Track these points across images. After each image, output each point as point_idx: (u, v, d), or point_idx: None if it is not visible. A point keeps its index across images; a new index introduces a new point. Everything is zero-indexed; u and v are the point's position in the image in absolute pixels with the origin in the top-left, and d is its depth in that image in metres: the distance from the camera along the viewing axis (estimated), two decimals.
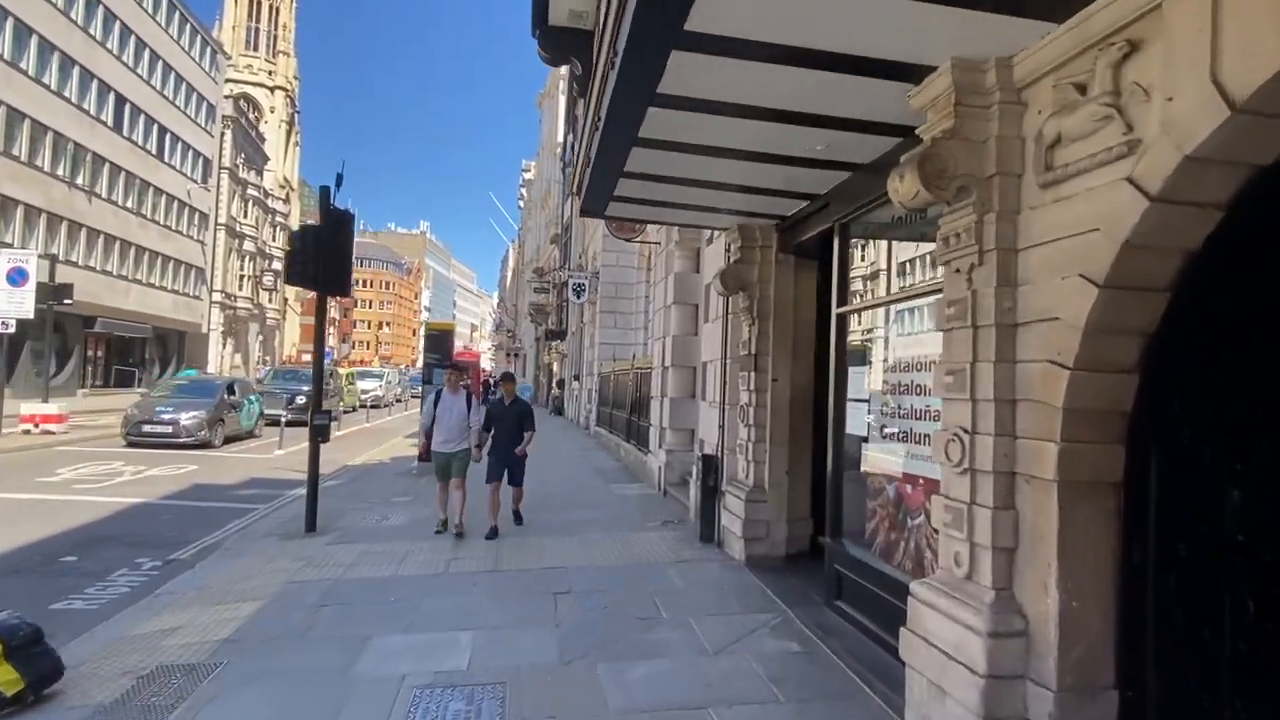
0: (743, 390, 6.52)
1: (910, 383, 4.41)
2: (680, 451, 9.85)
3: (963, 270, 3.28)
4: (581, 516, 8.35)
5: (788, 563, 6.20)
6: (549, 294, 32.81)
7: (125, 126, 31.39)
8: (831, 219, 5.15)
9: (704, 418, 8.21)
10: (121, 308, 31.63)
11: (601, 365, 18.72)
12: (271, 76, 60.97)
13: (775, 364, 6.28)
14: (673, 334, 10.04)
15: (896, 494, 4.53)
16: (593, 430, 19.23)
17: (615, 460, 14.11)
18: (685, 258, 10.09)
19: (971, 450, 3.15)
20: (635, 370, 13.43)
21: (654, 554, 6.60)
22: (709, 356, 7.86)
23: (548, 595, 5.34)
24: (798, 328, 6.36)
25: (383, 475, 11.67)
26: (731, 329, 6.99)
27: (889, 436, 4.63)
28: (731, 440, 6.87)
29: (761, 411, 6.28)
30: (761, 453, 6.29)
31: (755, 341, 6.34)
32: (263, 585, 5.70)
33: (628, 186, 5.30)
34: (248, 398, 16.65)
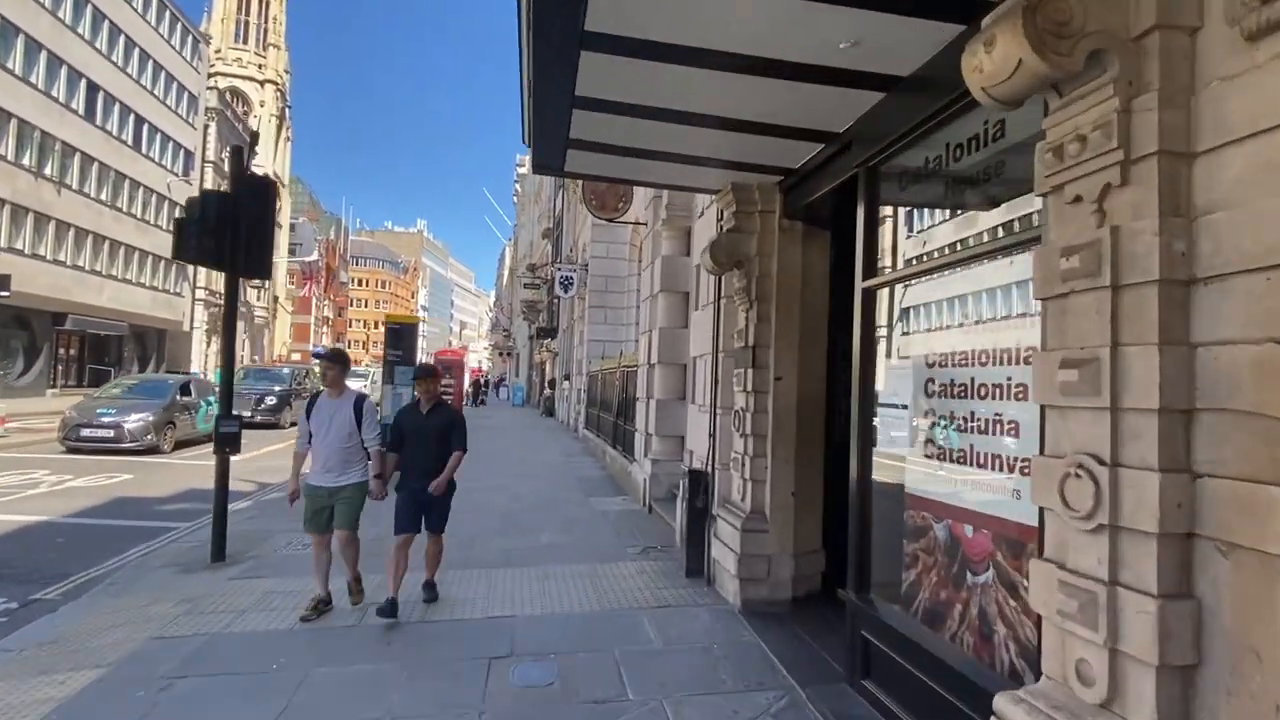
0: (738, 391, 5.24)
1: (971, 382, 3.13)
2: (668, 461, 8.58)
3: (1088, 197, 2.01)
4: (549, 539, 7.06)
5: (795, 610, 4.91)
6: (540, 290, 31.53)
7: (99, 115, 30.07)
8: (854, 165, 3.86)
9: (693, 424, 6.91)
10: (95, 304, 30.32)
11: (590, 364, 17.46)
12: (261, 70, 59.70)
13: (778, 358, 5.00)
14: (660, 326, 8.76)
15: (949, 537, 3.26)
16: (581, 434, 17.96)
17: (600, 468, 12.83)
18: (674, 239, 8.81)
19: (1112, 493, 1.88)
20: (622, 369, 12.16)
21: (628, 595, 5.31)
22: (699, 351, 6.57)
23: (481, 662, 4.06)
24: (806, 313, 5.08)
25: None
26: (725, 316, 5.71)
27: (938, 456, 3.35)
28: (725, 453, 5.59)
29: (761, 418, 5.00)
30: (761, 469, 5.01)
31: (754, 330, 5.06)
32: (121, 641, 4.42)
33: (586, 124, 4.02)
34: (205, 399, 15.35)
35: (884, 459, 3.77)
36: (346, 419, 4.84)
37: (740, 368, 5.21)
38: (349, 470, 4.85)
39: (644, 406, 9.25)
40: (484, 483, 10.60)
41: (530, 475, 11.57)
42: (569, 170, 4.93)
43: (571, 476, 11.66)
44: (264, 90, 59.54)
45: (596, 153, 4.49)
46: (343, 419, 4.84)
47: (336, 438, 4.80)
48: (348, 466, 4.85)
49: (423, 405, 5.05)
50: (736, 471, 5.26)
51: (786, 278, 5.04)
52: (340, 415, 4.85)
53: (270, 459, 13.55)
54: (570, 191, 25.99)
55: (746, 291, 5.11)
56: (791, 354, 5.02)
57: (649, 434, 9.00)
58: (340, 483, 4.83)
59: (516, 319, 49.55)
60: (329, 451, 4.81)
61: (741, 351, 5.20)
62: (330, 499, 4.82)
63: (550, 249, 32.43)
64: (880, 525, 3.71)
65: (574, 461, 13.75)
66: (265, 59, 60.05)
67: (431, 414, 5.03)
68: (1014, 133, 2.85)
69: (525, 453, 15.09)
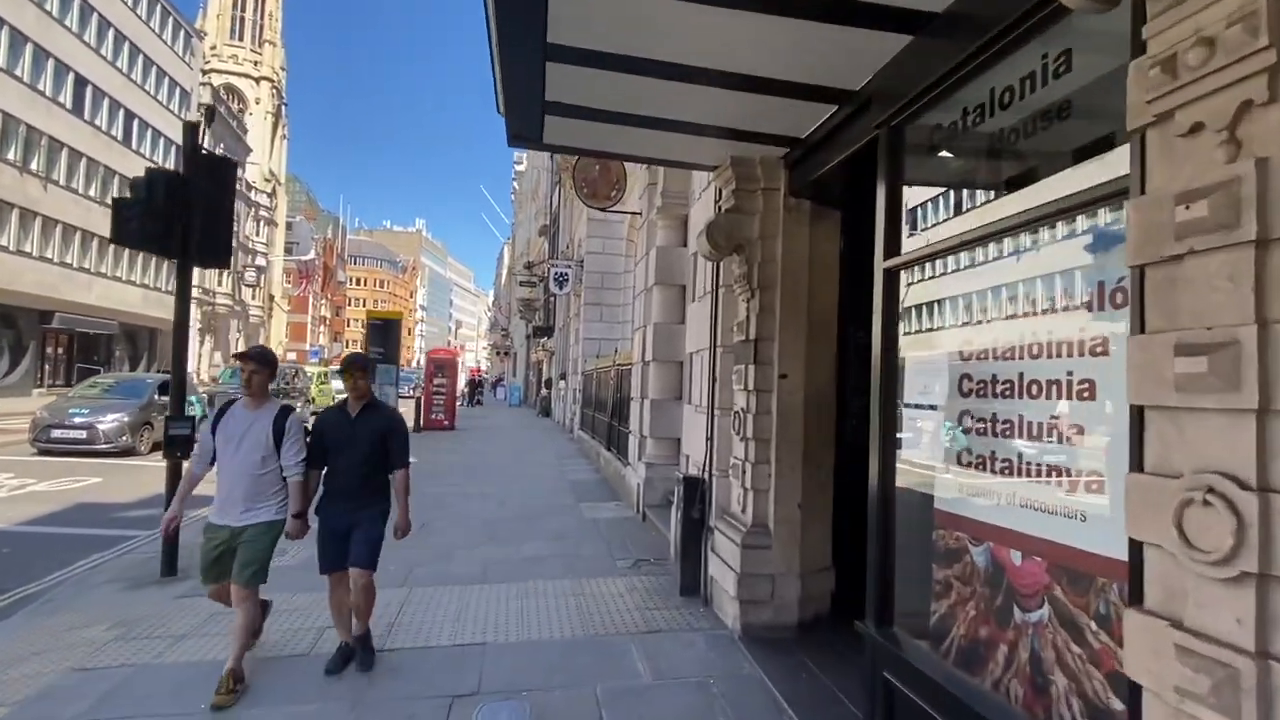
0: (738, 390, 4.70)
1: (1019, 378, 2.59)
2: (663, 465, 8.03)
3: (1215, 122, 1.47)
4: (534, 550, 6.52)
5: (802, 637, 4.37)
6: (537, 288, 30.98)
7: (87, 110, 29.54)
8: (874, 126, 3.32)
9: (689, 426, 6.37)
10: (84, 302, 29.82)
11: (585, 363, 16.93)
12: (257, 67, 59.23)
13: (783, 353, 4.46)
14: (654, 321, 8.22)
15: (990, 563, 2.72)
16: (576, 435, 17.43)
17: (593, 471, 12.30)
18: (669, 228, 8.27)
19: (1262, 530, 1.35)
20: (617, 367, 11.62)
21: (616, 617, 4.77)
22: (695, 346, 6.03)
23: (441, 702, 3.52)
24: (814, 302, 4.54)
25: None
26: (723, 307, 5.16)
27: (975, 465, 2.81)
28: (723, 458, 5.05)
29: (764, 420, 4.46)
30: (764, 477, 4.47)
31: (755, 322, 4.52)
32: (37, 673, 3.88)
33: (563, 81, 3.49)
34: (188, 399, 14.80)
35: (909, 468, 3.23)
36: (261, 438, 3.67)
37: (741, 364, 4.67)
38: (259, 504, 3.69)
39: (638, 407, 8.71)
40: (470, 488, 10.09)
41: (520, 479, 11.04)
42: (549, 141, 4.39)
43: (563, 481, 11.12)
44: (259, 87, 59.05)
45: (578, 119, 3.95)
46: (257, 437, 3.66)
47: (247, 462, 3.64)
48: (257, 499, 3.68)
49: (351, 407, 3.92)
50: (736, 479, 4.72)
51: (792, 263, 4.50)
52: (255, 432, 3.67)
53: None
54: (566, 187, 25.47)
55: (747, 279, 4.57)
56: (798, 348, 4.48)
57: (643, 436, 8.47)
58: (245, 520, 3.65)
59: (514, 318, 49.05)
60: (234, 478, 3.66)
61: (742, 346, 4.66)
62: (232, 541, 3.66)
63: (547, 246, 31.93)
64: (905, 546, 3.17)
65: (567, 464, 13.21)
66: (261, 55, 59.58)
67: (362, 418, 3.90)
68: (1084, 69, 2.31)
69: (517, 455, 14.56)
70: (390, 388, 9.99)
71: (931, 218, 3.19)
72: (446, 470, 11.90)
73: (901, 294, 3.25)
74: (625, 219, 17.07)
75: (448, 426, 20.32)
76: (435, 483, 10.46)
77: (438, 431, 19.55)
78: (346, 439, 3.85)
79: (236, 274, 47.62)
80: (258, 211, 52.71)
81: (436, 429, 19.91)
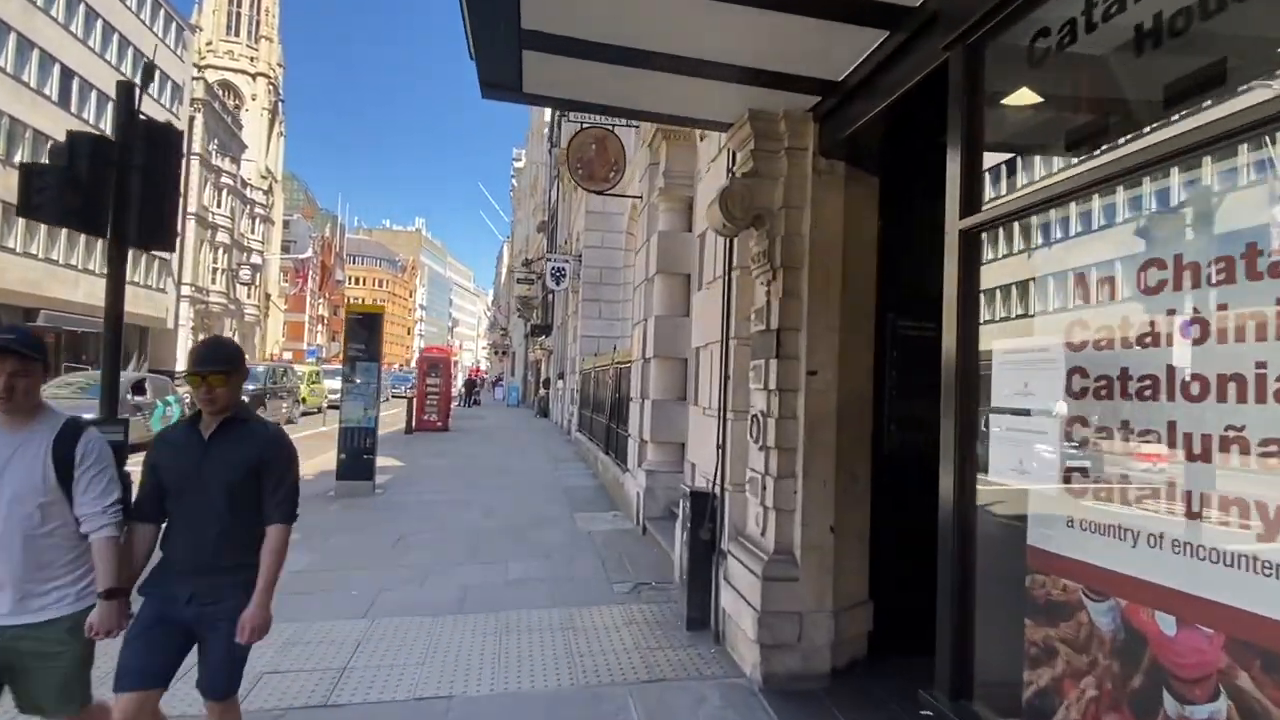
0: (757, 390, 3.96)
1: (1168, 373, 1.85)
2: (665, 472, 7.29)
3: None
4: (521, 571, 5.77)
5: (835, 687, 3.62)
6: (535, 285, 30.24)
7: (73, 102, 28.80)
8: (941, 49, 2.57)
9: (695, 430, 5.61)
10: (69, 299, 29.10)
11: (582, 361, 16.19)
12: (253, 63, 58.56)
13: (812, 346, 3.71)
14: (656, 314, 7.47)
15: (1120, 626, 1.97)
16: (573, 436, 16.68)
17: (590, 476, 11.55)
18: (673, 211, 7.52)
19: None
20: (615, 365, 10.87)
21: (613, 659, 4.01)
22: (703, 339, 5.27)
23: None
24: (849, 285, 3.79)
25: None
26: (738, 293, 4.41)
27: (1098, 493, 2.07)
28: (737, 470, 4.30)
29: (788, 426, 3.71)
30: (788, 495, 3.72)
31: (778, 309, 3.77)
32: None
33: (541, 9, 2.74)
34: (164, 399, 14.08)
35: (988, 488, 2.49)
36: (34, 476, 2.17)
37: (760, 359, 3.92)
38: (46, 588, 2.20)
39: (638, 408, 7.97)
40: (456, 494, 9.35)
41: (511, 485, 10.29)
42: (530, 90, 3.64)
43: (557, 487, 10.37)
44: (256, 83, 58.37)
45: (563, 55, 3.20)
46: (25, 476, 2.16)
47: (13, 516, 2.14)
48: (40, 579, 2.19)
49: (204, 425, 2.41)
50: (754, 496, 3.97)
51: (822, 237, 3.75)
52: (21, 467, 2.16)
53: None
54: (564, 180, 24.74)
55: (768, 257, 3.82)
56: (830, 340, 3.73)
57: (643, 440, 7.72)
58: (23, 619, 2.15)
59: (513, 316, 48.35)
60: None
61: (762, 337, 3.92)
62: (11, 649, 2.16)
63: (546, 243, 31.21)
64: (986, 593, 2.42)
65: (563, 469, 12.46)
66: (257, 51, 58.92)
67: (221, 443, 2.38)
68: None
69: (510, 458, 13.82)
70: (370, 388, 9.23)
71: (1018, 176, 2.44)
72: (432, 474, 11.16)
73: (982, 266, 2.50)
74: (625, 210, 16.34)
75: (441, 428, 19.58)
76: (418, 489, 9.72)
77: (430, 433, 18.80)
78: (193, 473, 2.34)
79: (231, 272, 46.88)
80: (253, 209, 51.97)
81: (429, 430, 19.17)
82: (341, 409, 9.46)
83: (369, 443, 9.41)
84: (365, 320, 9.66)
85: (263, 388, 19.15)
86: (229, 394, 2.41)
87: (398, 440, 17.06)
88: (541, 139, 35.17)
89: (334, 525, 7.39)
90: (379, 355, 9.71)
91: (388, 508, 8.42)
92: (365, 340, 9.54)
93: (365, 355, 9.52)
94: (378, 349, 9.66)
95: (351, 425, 9.36)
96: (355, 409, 9.38)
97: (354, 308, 10.00)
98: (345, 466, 9.29)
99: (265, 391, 19.10)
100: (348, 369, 9.50)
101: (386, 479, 10.47)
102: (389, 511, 8.15)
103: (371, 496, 9.11)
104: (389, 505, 8.57)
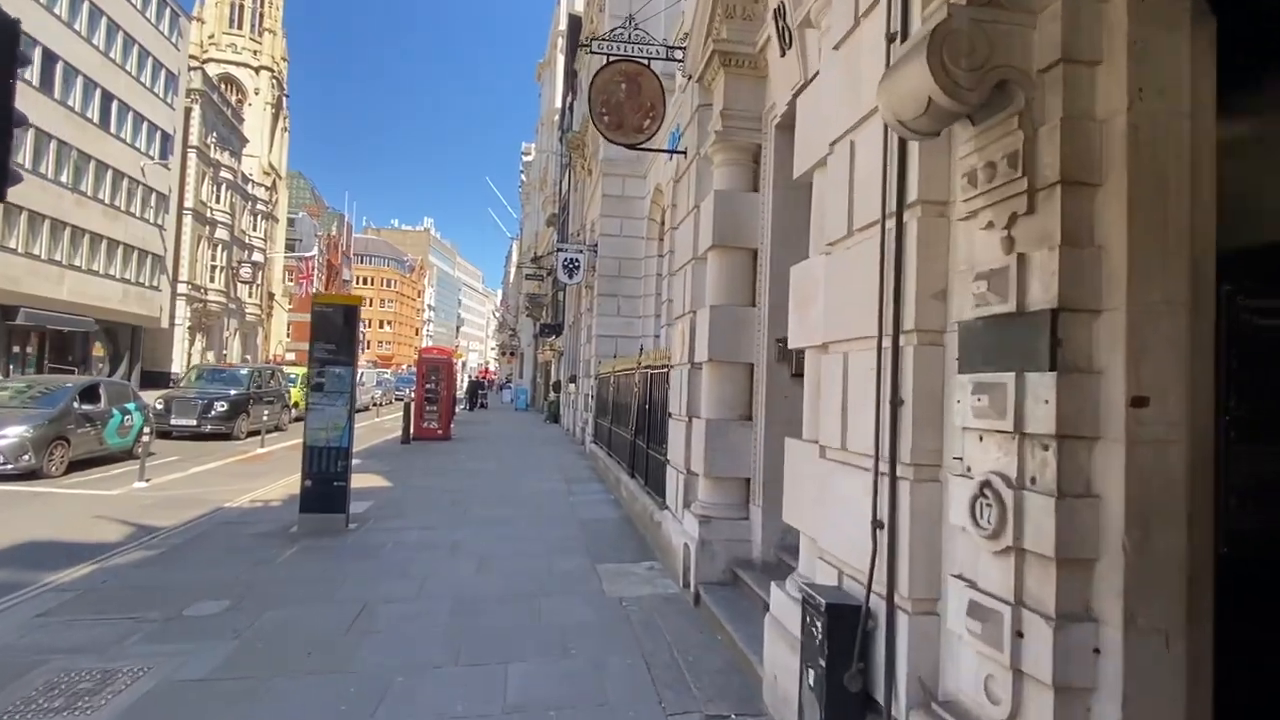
0: (982, 430, 2.01)
1: None
2: (726, 520, 5.35)
3: None
4: (526, 689, 3.81)
5: None
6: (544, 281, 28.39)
7: (56, 88, 27.16)
8: None
9: (807, 483, 3.51)
10: (53, 297, 27.45)
11: (598, 364, 14.29)
12: (256, 56, 57.04)
13: (1137, 344, 1.77)
14: (711, 304, 5.53)
15: None
16: (588, 449, 14.76)
17: (612, 503, 9.61)
18: (733, 166, 5.58)
19: None
20: (644, 370, 8.97)
21: None
22: (831, 333, 3.21)
23: None
24: (1196, 230, 1.85)
25: (237, 536, 7.22)
26: (920, 247, 2.46)
27: None
28: (920, 574, 2.36)
29: (1079, 513, 1.77)
30: (1080, 657, 1.78)
31: (1049, 270, 1.83)
32: None
33: None
34: (122, 406, 12.24)
35: None
36: None
37: (992, 369, 1.98)
38: None
39: (682, 430, 6.02)
40: (447, 532, 7.45)
41: (516, 518, 8.38)
42: None
43: (572, 519, 8.45)
44: (259, 77, 56.84)
45: None
46: None
47: None
48: None
49: None
50: (985, 642, 2.02)
51: (1154, 123, 1.81)
52: None
53: (194, 483, 10.46)
54: (577, 167, 22.86)
55: (1023, 164, 1.89)
56: (1172, 329, 1.79)
57: (690, 471, 5.79)
58: None
59: (521, 316, 46.52)
60: None
61: (1001, 328, 1.97)
62: None
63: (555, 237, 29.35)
64: None
65: (578, 491, 10.52)
66: (261, 44, 57.40)
67: None
68: None
69: (516, 476, 11.90)
70: (342, 400, 7.36)
71: None
72: (423, 500, 9.27)
73: None
74: (647, 193, 14.41)
75: (442, 436, 17.75)
76: (401, 523, 7.83)
77: (430, 442, 16.96)
78: None
79: (232, 270, 45.29)
80: (255, 205, 50.40)
81: (429, 439, 17.34)
82: (306, 423, 7.60)
83: (340, 466, 7.54)
84: (337, 313, 7.77)
85: (245, 392, 17.34)
86: None
87: (391, 452, 15.20)
88: (552, 127, 33.32)
89: (279, 585, 5.51)
90: (355, 357, 7.83)
91: (358, 554, 6.54)
92: (338, 338, 7.66)
93: (337, 357, 7.64)
94: (353, 349, 7.78)
95: (319, 445, 7.49)
96: (323, 423, 7.51)
97: (323, 298, 8.10)
98: (311, 496, 7.42)
99: (249, 397, 17.29)
100: (314, 373, 7.62)
101: (366, 506, 8.59)
102: (358, 561, 6.26)
103: (343, 535, 7.24)
104: (360, 550, 6.68)
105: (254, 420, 16.80)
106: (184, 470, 11.81)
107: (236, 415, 16.39)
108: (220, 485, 10.46)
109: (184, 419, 15.67)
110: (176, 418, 15.57)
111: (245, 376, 18.11)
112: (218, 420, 15.97)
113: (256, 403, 17.40)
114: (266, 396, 18.30)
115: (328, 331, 7.66)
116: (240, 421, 16.41)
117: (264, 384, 18.73)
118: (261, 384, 18.51)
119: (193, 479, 11.04)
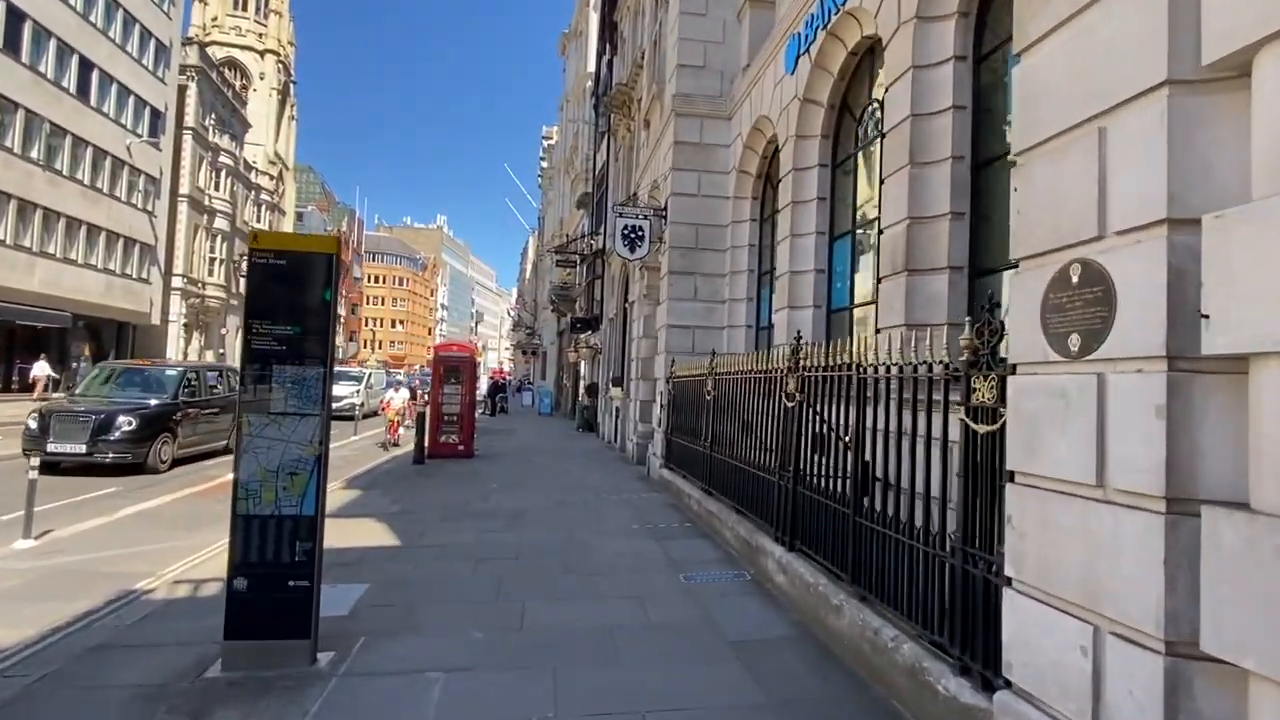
0: None
1: None
2: None
3: None
4: None
5: None
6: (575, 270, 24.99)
7: (24, 51, 24.06)
8: None
9: None
10: (22, 288, 24.35)
11: (670, 363, 10.81)
12: (261, 39, 54.09)
13: None
14: None
15: None
16: (656, 474, 11.25)
17: (758, 592, 5.94)
18: None
19: None
20: (757, 375, 5.48)
21: None
22: None
23: None
24: None
25: (96, 700, 3.78)
26: None
27: None
28: None
29: None
30: None
31: None
32: None
33: None
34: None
35: None
36: None
37: None
38: None
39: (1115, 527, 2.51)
40: (491, 674, 3.73)
41: (608, 630, 4.88)
42: None
43: (709, 632, 4.93)
44: (264, 61, 53.87)
45: None
46: None
47: None
48: None
49: None
50: None
51: None
52: None
53: (114, 538, 6.83)
54: (622, 131, 19.39)
55: None
56: None
57: (1017, 582, 2.27)
58: None
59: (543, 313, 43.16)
60: None
61: None
62: None
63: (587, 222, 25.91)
64: None
65: (681, 560, 6.96)
66: (266, 27, 54.45)
67: None
68: None
69: (575, 521, 8.37)
70: (308, 424, 3.68)
71: None
72: (446, 586, 5.81)
73: None
74: (736, 138, 10.90)
75: (464, 453, 14.32)
76: (414, 649, 4.27)
77: (449, 460, 13.56)
78: None
79: (233, 263, 42.20)
80: (259, 195, 47.33)
81: (447, 456, 13.92)
82: (237, 471, 4.13)
83: (303, 551, 4.09)
84: (297, 267, 4.28)
85: (169, 403, 11.68)
86: None
87: (401, 476, 11.71)
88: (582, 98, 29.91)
89: None
90: (330, 349, 4.35)
91: None
92: (298, 314, 4.20)
93: (295, 347, 4.18)
94: (328, 328, 4.31)
95: (259, 514, 4.05)
96: (264, 472, 4.08)
97: (269, 237, 4.46)
98: (245, 609, 4.01)
99: (171, 409, 11.65)
100: (252, 372, 4.17)
101: (355, 599, 5.18)
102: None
103: (306, 686, 3.81)
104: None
105: (191, 441, 12.02)
106: (113, 513, 8.39)
107: (153, 437, 11.10)
108: (151, 543, 7.03)
109: (67, 443, 10.41)
110: (57, 441, 10.37)
111: (173, 379, 12.41)
112: (121, 445, 10.65)
113: (193, 419, 12.20)
114: (210, 407, 12.84)
115: (274, 303, 4.19)
116: (158, 446, 11.15)
117: (205, 390, 12.93)
118: (205, 390, 12.95)
119: (115, 530, 7.61)
